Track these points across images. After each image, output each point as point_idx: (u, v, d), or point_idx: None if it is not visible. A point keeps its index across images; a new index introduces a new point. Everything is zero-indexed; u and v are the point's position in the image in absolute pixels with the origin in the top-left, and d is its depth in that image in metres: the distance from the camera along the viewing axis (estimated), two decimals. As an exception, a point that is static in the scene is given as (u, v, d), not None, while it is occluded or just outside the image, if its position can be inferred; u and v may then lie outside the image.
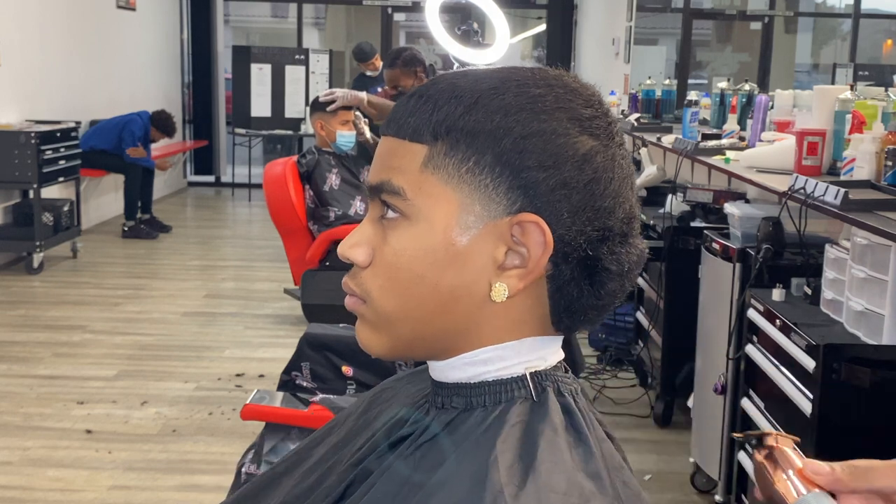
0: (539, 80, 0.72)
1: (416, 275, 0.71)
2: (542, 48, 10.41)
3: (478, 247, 0.70)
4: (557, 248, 0.69)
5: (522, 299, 0.71)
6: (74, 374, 3.87)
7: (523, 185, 0.69)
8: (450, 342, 0.73)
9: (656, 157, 4.38)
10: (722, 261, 2.72)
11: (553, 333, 0.74)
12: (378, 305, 0.73)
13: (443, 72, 3.34)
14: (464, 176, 0.70)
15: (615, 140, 0.72)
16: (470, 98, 0.70)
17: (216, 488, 2.84)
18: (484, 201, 0.69)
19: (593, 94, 0.74)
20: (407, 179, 0.71)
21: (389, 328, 0.74)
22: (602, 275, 0.71)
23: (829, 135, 2.62)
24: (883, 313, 2.01)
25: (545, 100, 0.70)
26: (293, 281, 4.36)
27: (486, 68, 0.76)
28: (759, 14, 7.94)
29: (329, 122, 4.15)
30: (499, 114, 0.69)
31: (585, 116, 0.71)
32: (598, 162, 0.70)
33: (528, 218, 0.68)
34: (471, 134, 0.69)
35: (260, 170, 5.64)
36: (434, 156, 0.70)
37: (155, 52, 8.79)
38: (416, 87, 0.80)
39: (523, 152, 0.69)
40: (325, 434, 0.88)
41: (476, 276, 0.70)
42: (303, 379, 2.25)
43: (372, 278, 0.73)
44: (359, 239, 0.74)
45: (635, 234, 0.74)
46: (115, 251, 6.52)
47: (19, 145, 5.42)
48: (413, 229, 0.71)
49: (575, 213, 0.69)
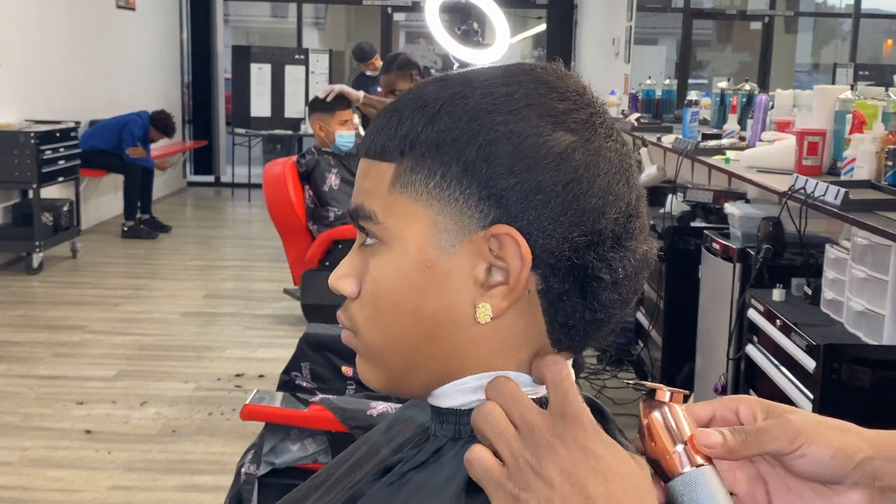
0: (507, 77, 0.67)
1: (395, 302, 0.67)
2: (542, 48, 10.40)
3: (456, 266, 0.65)
4: (542, 260, 0.64)
5: (513, 319, 0.66)
6: (74, 374, 3.87)
7: (495, 195, 0.63)
8: (443, 370, 0.68)
9: (656, 157, 4.38)
10: (722, 261, 2.72)
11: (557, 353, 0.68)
12: (365, 337, 0.70)
13: (437, 73, 3.35)
14: (432, 191, 0.65)
15: (599, 132, 0.66)
16: (433, 107, 0.65)
17: (216, 488, 2.84)
18: (456, 217, 0.64)
19: (570, 86, 0.68)
20: (378, 202, 0.67)
21: (380, 360, 0.70)
22: (593, 285, 0.65)
23: (830, 135, 2.62)
24: (883, 313, 2.01)
25: (513, 98, 0.65)
26: (293, 281, 4.36)
27: (458, 71, 0.70)
28: (759, 14, 7.94)
29: (328, 122, 4.15)
30: (463, 120, 0.64)
31: (560, 110, 0.65)
32: (578, 159, 0.64)
33: (501, 230, 0.63)
34: (435, 145, 0.65)
35: (260, 170, 5.64)
36: (401, 173, 0.66)
37: (154, 51, 8.79)
38: None
39: (490, 159, 0.63)
40: (357, 446, 0.85)
41: (458, 297, 0.65)
42: (302, 379, 2.25)
43: (359, 310, 0.69)
44: (346, 270, 0.70)
45: (635, 235, 0.67)
46: (114, 251, 6.51)
47: (19, 145, 5.42)
48: (389, 254, 0.67)
49: (556, 219, 0.63)
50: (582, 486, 0.57)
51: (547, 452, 0.58)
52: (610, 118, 0.69)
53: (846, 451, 0.64)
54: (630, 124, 4.68)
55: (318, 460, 2.07)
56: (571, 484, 0.57)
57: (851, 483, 0.64)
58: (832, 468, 0.64)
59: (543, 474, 0.58)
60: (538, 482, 0.58)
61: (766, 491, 0.67)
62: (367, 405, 2.00)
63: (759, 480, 0.67)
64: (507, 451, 0.59)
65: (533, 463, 0.58)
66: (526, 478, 0.58)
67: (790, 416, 0.65)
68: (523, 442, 0.59)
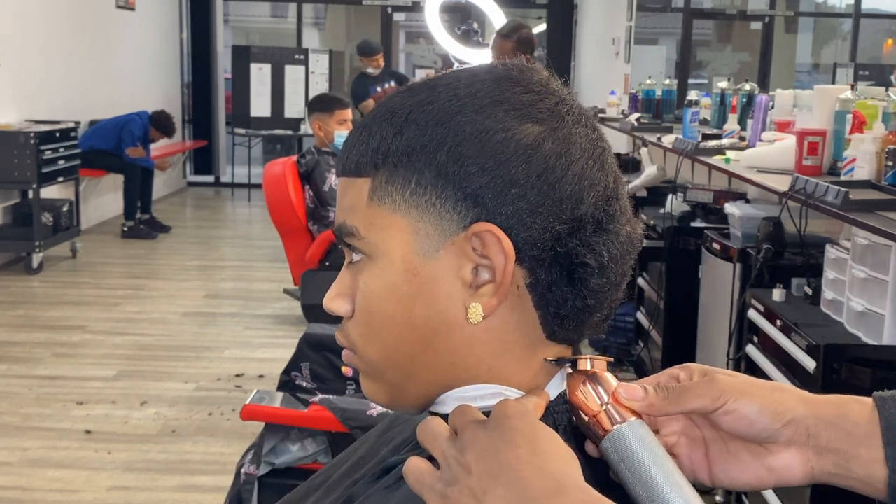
0: (470, 78, 0.67)
1: (388, 315, 0.67)
2: (542, 48, 10.40)
3: (442, 270, 0.65)
4: (526, 252, 0.64)
5: (505, 316, 0.66)
6: (74, 374, 3.87)
7: (471, 195, 0.64)
8: (441, 378, 0.68)
9: (656, 157, 4.38)
10: (722, 261, 2.72)
11: (554, 348, 0.69)
12: (363, 355, 0.70)
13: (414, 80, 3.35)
14: (409, 200, 0.65)
15: (566, 119, 0.66)
16: (400, 117, 0.66)
17: (215, 489, 2.84)
18: (436, 221, 0.65)
19: (533, 78, 0.68)
20: (358, 218, 0.67)
21: (381, 376, 0.70)
22: (580, 271, 0.65)
23: (830, 135, 2.62)
24: (883, 313, 2.01)
25: (477, 97, 0.65)
26: (293, 281, 4.36)
27: (422, 79, 0.71)
28: (759, 14, 7.93)
29: (327, 122, 4.15)
30: (430, 125, 0.65)
31: (525, 103, 0.65)
32: (548, 148, 0.64)
33: (482, 228, 0.63)
34: (406, 154, 0.65)
35: (259, 170, 5.64)
36: (377, 186, 0.66)
37: (154, 51, 8.79)
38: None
39: (461, 160, 0.64)
40: (357, 446, 0.85)
41: (448, 302, 0.65)
42: (302, 379, 2.25)
43: (354, 328, 0.70)
44: (338, 290, 0.70)
45: (616, 217, 0.67)
46: (114, 251, 6.51)
47: (19, 145, 5.42)
48: (375, 268, 0.67)
49: (534, 211, 0.64)
50: (496, 459, 0.57)
51: (471, 443, 0.59)
52: (578, 105, 0.69)
53: (775, 408, 0.65)
54: (630, 124, 4.68)
55: (318, 460, 2.07)
56: (487, 462, 0.57)
57: (785, 441, 0.65)
58: (760, 425, 0.64)
59: (464, 463, 0.58)
60: (461, 472, 0.58)
61: (704, 454, 0.67)
62: (367, 405, 2.00)
63: (699, 442, 0.68)
64: (438, 453, 0.60)
65: (458, 456, 0.59)
66: (453, 472, 0.58)
67: (718, 376, 0.66)
68: (454, 441, 0.60)
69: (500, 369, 0.67)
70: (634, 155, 5.00)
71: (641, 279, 3.77)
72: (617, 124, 5.07)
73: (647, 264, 3.68)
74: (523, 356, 0.67)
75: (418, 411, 0.72)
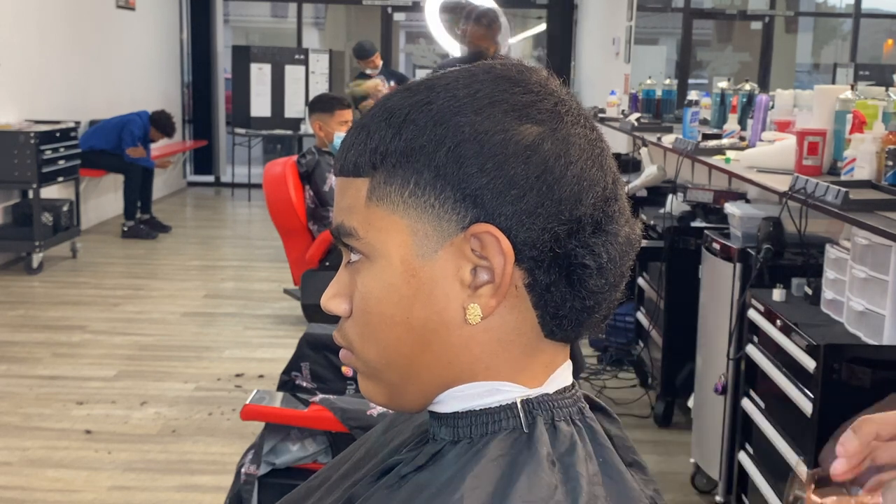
0: (469, 78, 0.67)
1: (386, 315, 0.67)
2: (543, 48, 10.40)
3: (441, 271, 0.65)
4: (524, 253, 0.64)
5: (503, 316, 0.66)
6: (74, 374, 3.87)
7: (469, 195, 0.64)
8: (439, 378, 0.68)
9: (657, 157, 4.38)
10: (722, 261, 2.72)
11: (552, 345, 0.69)
12: (361, 355, 0.70)
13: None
14: (408, 200, 0.65)
15: (566, 120, 0.66)
16: (399, 117, 0.66)
17: (216, 489, 2.84)
18: (434, 222, 0.65)
19: (532, 78, 0.67)
20: (357, 218, 0.67)
21: (379, 376, 0.70)
22: (579, 272, 0.65)
23: (830, 135, 2.62)
24: (883, 313, 2.01)
25: (476, 98, 0.65)
26: (293, 281, 4.36)
27: (421, 79, 0.70)
28: (759, 14, 7.93)
29: (327, 122, 4.15)
30: (429, 126, 0.65)
31: (524, 104, 0.65)
32: (547, 149, 0.64)
33: (480, 229, 0.63)
34: (405, 154, 0.65)
35: (260, 170, 5.64)
36: (375, 187, 0.66)
37: (154, 51, 8.79)
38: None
39: (460, 161, 0.63)
40: (357, 446, 0.85)
41: (446, 302, 0.65)
42: (302, 379, 2.25)
43: (352, 327, 0.70)
44: (335, 290, 0.70)
45: (615, 218, 0.67)
46: (114, 251, 6.51)
47: (19, 145, 5.42)
48: (374, 268, 0.67)
49: (533, 211, 0.63)
50: None
51: None
52: (577, 105, 0.69)
53: None
54: (630, 124, 4.68)
55: (318, 460, 2.07)
56: None
57: None
58: None
59: None
60: None
61: None
62: (367, 405, 2.00)
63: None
64: None
65: None
66: None
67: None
68: None
69: (499, 368, 0.67)
70: (634, 155, 5.00)
71: (641, 279, 3.77)
72: (617, 124, 5.07)
73: (647, 264, 3.68)
74: (521, 355, 0.67)
75: (417, 410, 0.72)
